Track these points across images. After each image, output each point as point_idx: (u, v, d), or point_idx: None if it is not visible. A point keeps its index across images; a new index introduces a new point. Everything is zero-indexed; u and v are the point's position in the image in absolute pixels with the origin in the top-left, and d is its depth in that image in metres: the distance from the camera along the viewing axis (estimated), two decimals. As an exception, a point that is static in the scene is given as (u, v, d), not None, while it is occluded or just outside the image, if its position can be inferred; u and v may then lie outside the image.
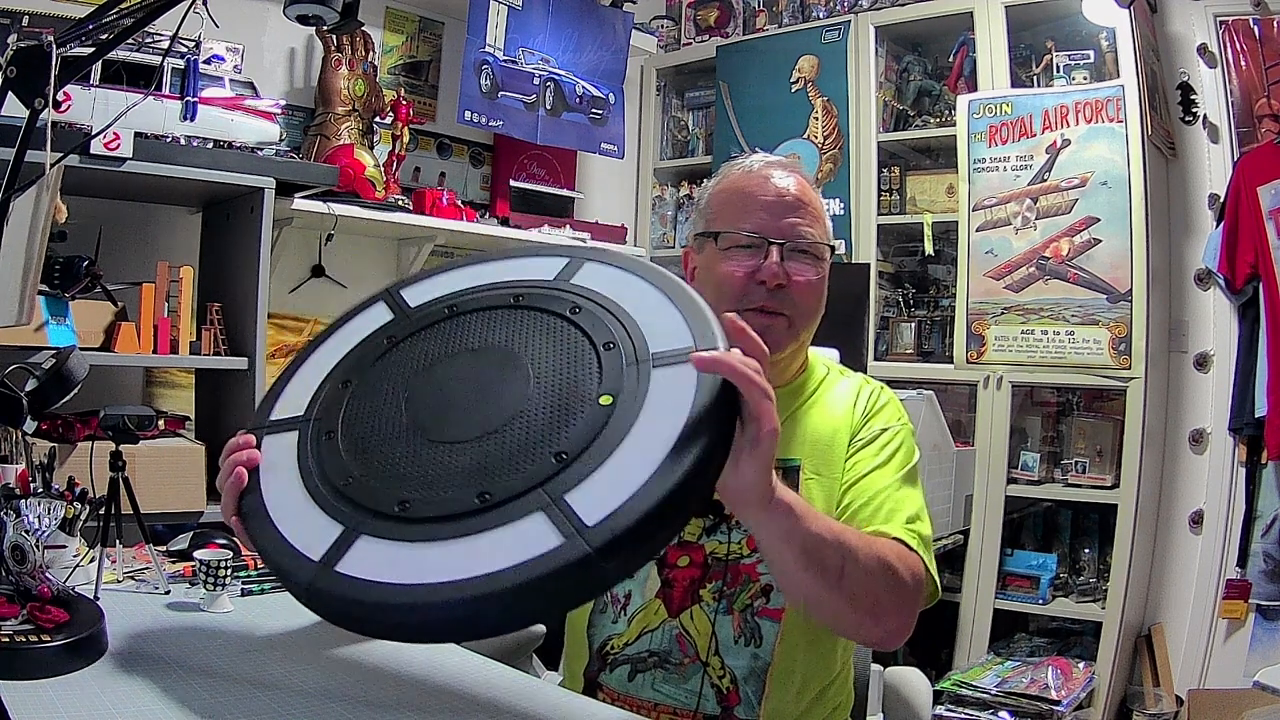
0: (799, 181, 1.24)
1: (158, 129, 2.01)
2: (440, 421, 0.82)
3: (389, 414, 0.85)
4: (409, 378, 0.89)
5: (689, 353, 0.78)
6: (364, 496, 0.78)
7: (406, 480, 0.78)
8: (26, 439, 1.30)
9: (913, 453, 1.23)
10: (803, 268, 1.19)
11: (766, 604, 1.15)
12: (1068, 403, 3.00)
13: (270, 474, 0.85)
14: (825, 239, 1.23)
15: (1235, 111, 2.87)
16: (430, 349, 0.91)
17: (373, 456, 0.82)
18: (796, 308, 1.19)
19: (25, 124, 0.94)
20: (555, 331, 0.85)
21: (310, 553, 0.75)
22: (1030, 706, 2.51)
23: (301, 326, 2.66)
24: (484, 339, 0.89)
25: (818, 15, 3.33)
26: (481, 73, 2.75)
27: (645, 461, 0.71)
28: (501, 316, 0.90)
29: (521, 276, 0.94)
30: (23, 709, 0.86)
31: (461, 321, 0.93)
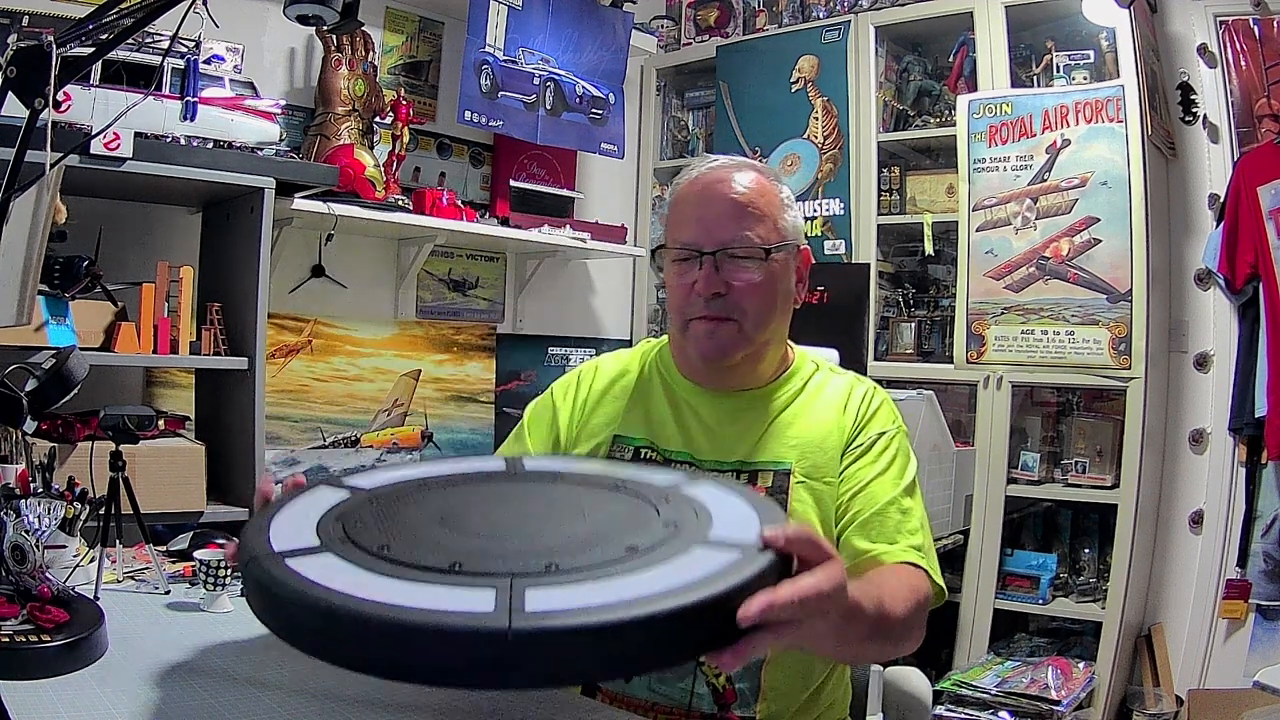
0: (742, 183, 1.21)
1: (158, 129, 2.01)
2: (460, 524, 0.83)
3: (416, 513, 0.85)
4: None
5: (744, 543, 0.76)
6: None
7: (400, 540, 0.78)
8: (26, 439, 1.30)
9: (910, 458, 1.23)
10: (743, 271, 1.18)
11: None
12: (1068, 403, 3.00)
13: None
14: (767, 240, 1.19)
15: (1235, 111, 2.87)
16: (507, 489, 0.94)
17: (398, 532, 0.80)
18: (741, 311, 1.18)
19: (25, 124, 0.94)
20: (632, 506, 0.86)
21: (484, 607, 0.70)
22: (1030, 706, 2.50)
23: (301, 326, 2.66)
24: (567, 493, 0.91)
25: (818, 15, 3.33)
26: (481, 73, 2.75)
27: (616, 597, 0.68)
28: (596, 492, 0.92)
29: (627, 475, 0.95)
30: (23, 709, 0.86)
31: (560, 480, 0.95)
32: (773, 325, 1.22)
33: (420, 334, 2.95)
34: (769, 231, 1.19)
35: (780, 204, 1.23)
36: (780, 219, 1.21)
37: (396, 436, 2.88)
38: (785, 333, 1.28)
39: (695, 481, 0.93)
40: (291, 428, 2.65)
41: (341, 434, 2.76)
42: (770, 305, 1.20)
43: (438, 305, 3.01)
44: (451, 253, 3.02)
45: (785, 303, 1.24)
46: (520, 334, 3.21)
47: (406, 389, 2.91)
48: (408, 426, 2.90)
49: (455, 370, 3.03)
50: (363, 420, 2.81)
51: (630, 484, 0.91)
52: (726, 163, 1.24)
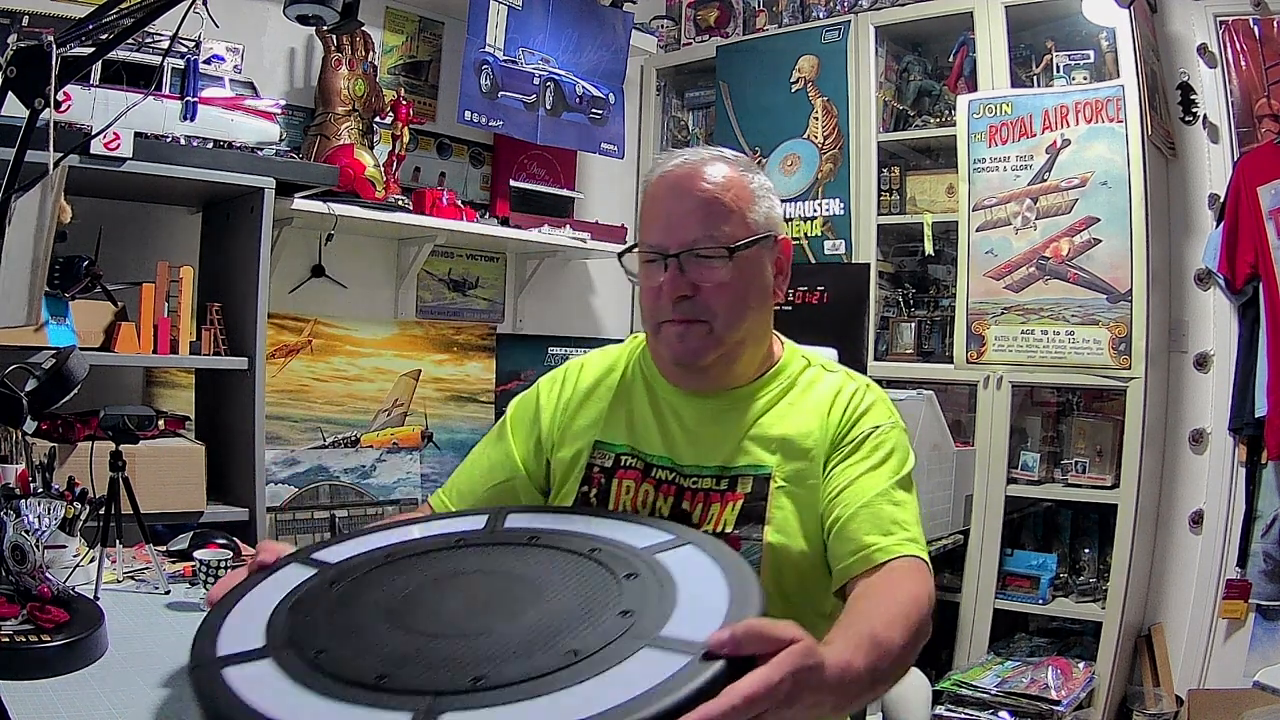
0: (707, 178, 1.16)
1: (158, 129, 2.01)
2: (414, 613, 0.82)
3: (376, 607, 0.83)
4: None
5: (695, 644, 0.72)
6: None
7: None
8: (26, 439, 1.30)
9: (907, 455, 1.18)
10: (709, 271, 1.14)
11: None
12: (1068, 403, 3.00)
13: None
14: (734, 237, 1.14)
15: (1235, 111, 2.87)
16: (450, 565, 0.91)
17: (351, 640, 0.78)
18: (710, 312, 1.14)
19: (25, 124, 0.94)
20: (595, 583, 0.83)
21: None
22: (1030, 706, 2.50)
23: (301, 326, 2.66)
24: (518, 570, 0.88)
25: (818, 15, 3.32)
26: (481, 73, 2.75)
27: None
28: (564, 562, 0.88)
29: (608, 534, 0.92)
30: (23, 709, 0.86)
31: (534, 544, 0.92)
32: (746, 324, 1.17)
33: (420, 334, 2.95)
34: (736, 228, 1.15)
35: (751, 196, 1.18)
36: (750, 213, 1.17)
37: (396, 436, 2.88)
38: (766, 328, 1.24)
39: (680, 544, 0.89)
40: (291, 428, 2.65)
41: (341, 434, 2.76)
42: (741, 304, 1.16)
43: (438, 305, 3.01)
44: (451, 253, 3.02)
45: (761, 299, 1.19)
46: (520, 334, 3.21)
47: (406, 389, 2.91)
48: (408, 426, 2.90)
49: (455, 370, 3.03)
50: (363, 420, 2.81)
51: (605, 549, 0.87)
52: (692, 158, 1.19)
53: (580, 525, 0.95)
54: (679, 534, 0.91)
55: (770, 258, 1.20)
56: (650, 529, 0.93)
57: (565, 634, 0.74)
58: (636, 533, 0.92)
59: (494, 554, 0.91)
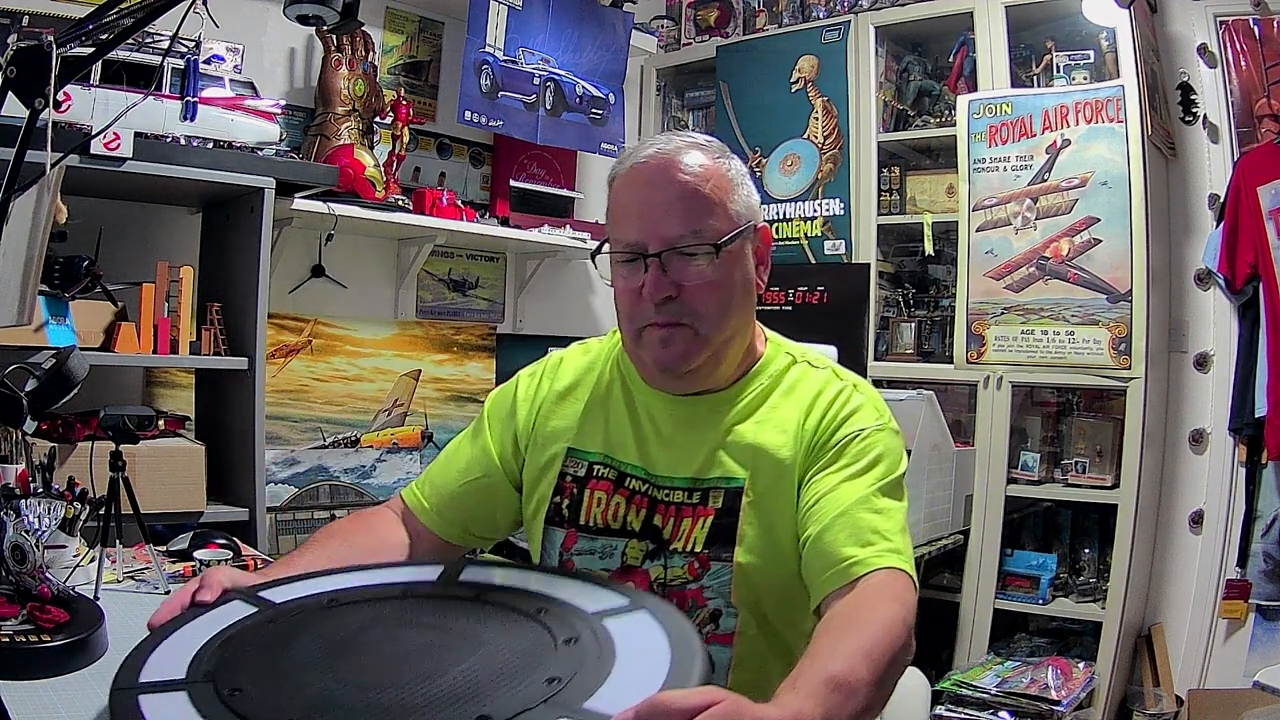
0: (686, 168, 1.08)
1: (158, 129, 2.01)
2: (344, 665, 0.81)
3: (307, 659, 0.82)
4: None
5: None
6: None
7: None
8: (26, 439, 1.30)
9: (898, 460, 1.09)
10: (693, 270, 1.06)
11: (716, 630, 1.08)
12: (1068, 403, 3.00)
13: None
14: (719, 232, 1.07)
15: (1235, 111, 2.87)
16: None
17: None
18: (696, 314, 1.07)
19: (25, 124, 0.94)
20: (533, 646, 0.81)
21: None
22: (1030, 706, 2.50)
23: (301, 326, 2.66)
24: (451, 623, 0.87)
25: (818, 15, 3.32)
26: (481, 73, 2.75)
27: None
28: (508, 622, 0.86)
29: (561, 595, 0.90)
30: (23, 709, 0.86)
31: (481, 601, 0.90)
32: (733, 322, 1.10)
33: (420, 334, 2.95)
34: (721, 220, 1.07)
35: (731, 185, 1.10)
36: (731, 203, 1.09)
37: (396, 436, 2.88)
38: (749, 323, 1.16)
39: (632, 609, 0.85)
40: (291, 428, 2.65)
41: (341, 434, 2.76)
42: (728, 302, 1.08)
43: (438, 305, 3.01)
44: (451, 253, 3.02)
45: (745, 294, 1.12)
46: (520, 334, 3.21)
47: (406, 389, 2.91)
48: (408, 426, 2.90)
49: (455, 370, 3.03)
50: (363, 420, 2.81)
51: (553, 611, 0.86)
52: (666, 146, 1.10)
53: (535, 584, 0.92)
54: (633, 599, 0.88)
55: (751, 248, 1.13)
56: (606, 592, 0.90)
57: (482, 696, 0.73)
58: (591, 595, 0.89)
59: (439, 607, 0.89)
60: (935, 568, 2.89)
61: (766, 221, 1.21)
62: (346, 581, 0.96)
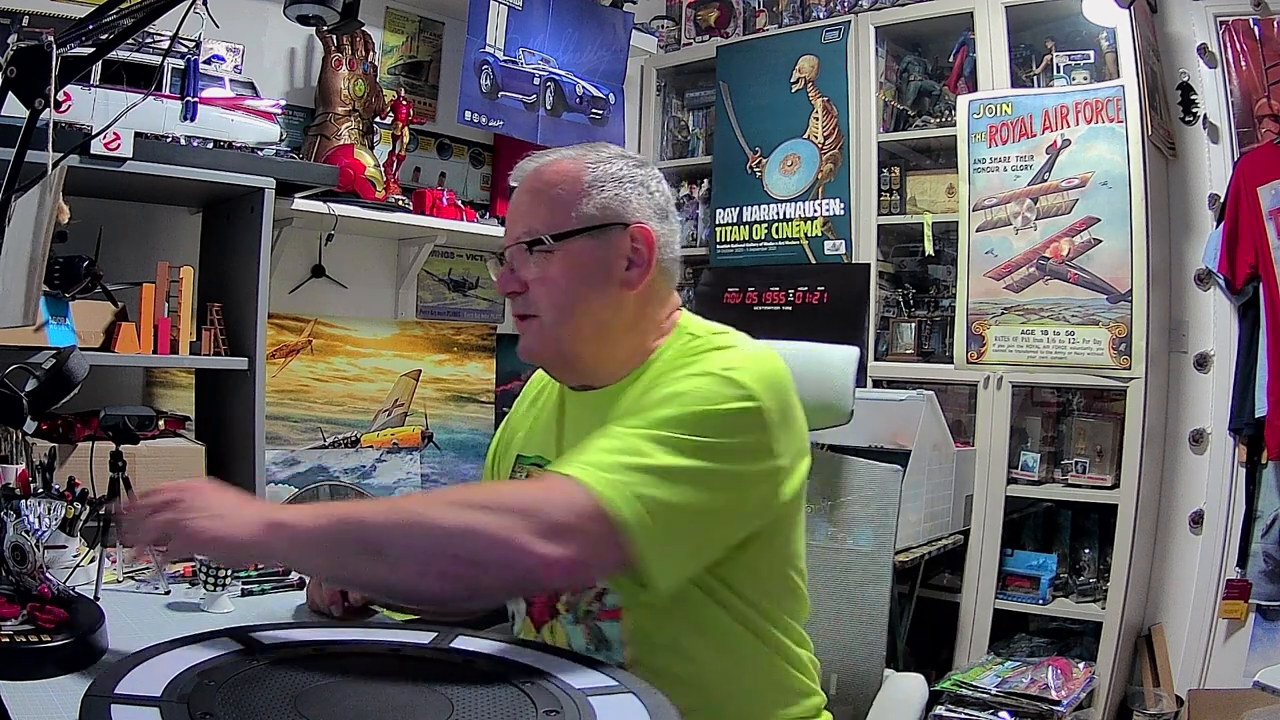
0: (536, 173, 1.15)
1: (158, 129, 2.01)
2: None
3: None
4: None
5: None
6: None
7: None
8: (26, 439, 1.30)
9: (699, 399, 1.00)
10: (534, 266, 1.12)
11: (603, 607, 1.11)
12: (1068, 403, 3.00)
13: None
14: (556, 227, 1.11)
15: (1235, 111, 2.87)
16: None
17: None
18: (538, 307, 1.13)
19: (25, 124, 0.94)
20: (511, 710, 0.80)
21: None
22: (1030, 706, 2.50)
23: (302, 326, 2.66)
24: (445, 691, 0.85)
25: (818, 15, 3.32)
26: (481, 73, 2.75)
27: None
28: (491, 689, 0.85)
29: (550, 669, 0.89)
30: (23, 709, 0.86)
31: (469, 666, 0.89)
32: (582, 317, 1.12)
33: (420, 334, 2.95)
34: (561, 219, 1.11)
35: (585, 185, 1.12)
36: (581, 203, 1.11)
37: (396, 437, 2.88)
38: (628, 320, 1.14)
39: (620, 690, 0.84)
40: (291, 428, 2.65)
41: (342, 434, 2.76)
42: (570, 297, 1.11)
43: (438, 305, 3.01)
44: (451, 253, 3.02)
45: (600, 290, 1.12)
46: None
47: (406, 389, 2.91)
48: (408, 426, 2.90)
49: (455, 370, 3.03)
50: (363, 420, 2.81)
51: (539, 683, 0.85)
52: (544, 156, 1.17)
53: (526, 657, 0.92)
54: (624, 682, 0.87)
55: (614, 248, 1.13)
56: (598, 674, 0.89)
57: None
58: (581, 674, 0.89)
59: (424, 668, 0.89)
60: (935, 568, 2.89)
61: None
62: (339, 634, 0.97)
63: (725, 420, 1.00)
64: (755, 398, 1.01)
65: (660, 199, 1.17)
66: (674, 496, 0.95)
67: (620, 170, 1.15)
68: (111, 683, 0.79)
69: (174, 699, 0.77)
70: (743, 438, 1.01)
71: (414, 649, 0.93)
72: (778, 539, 1.12)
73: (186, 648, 0.88)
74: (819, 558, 1.50)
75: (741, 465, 1.01)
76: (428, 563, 0.90)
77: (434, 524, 0.91)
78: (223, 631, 0.93)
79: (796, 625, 1.17)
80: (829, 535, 1.55)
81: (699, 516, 0.97)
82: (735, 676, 1.10)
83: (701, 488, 0.97)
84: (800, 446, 1.10)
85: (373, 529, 0.91)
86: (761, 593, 1.11)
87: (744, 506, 1.03)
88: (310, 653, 0.90)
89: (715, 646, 1.08)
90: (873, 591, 1.49)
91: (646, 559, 0.93)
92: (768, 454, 1.03)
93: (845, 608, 1.50)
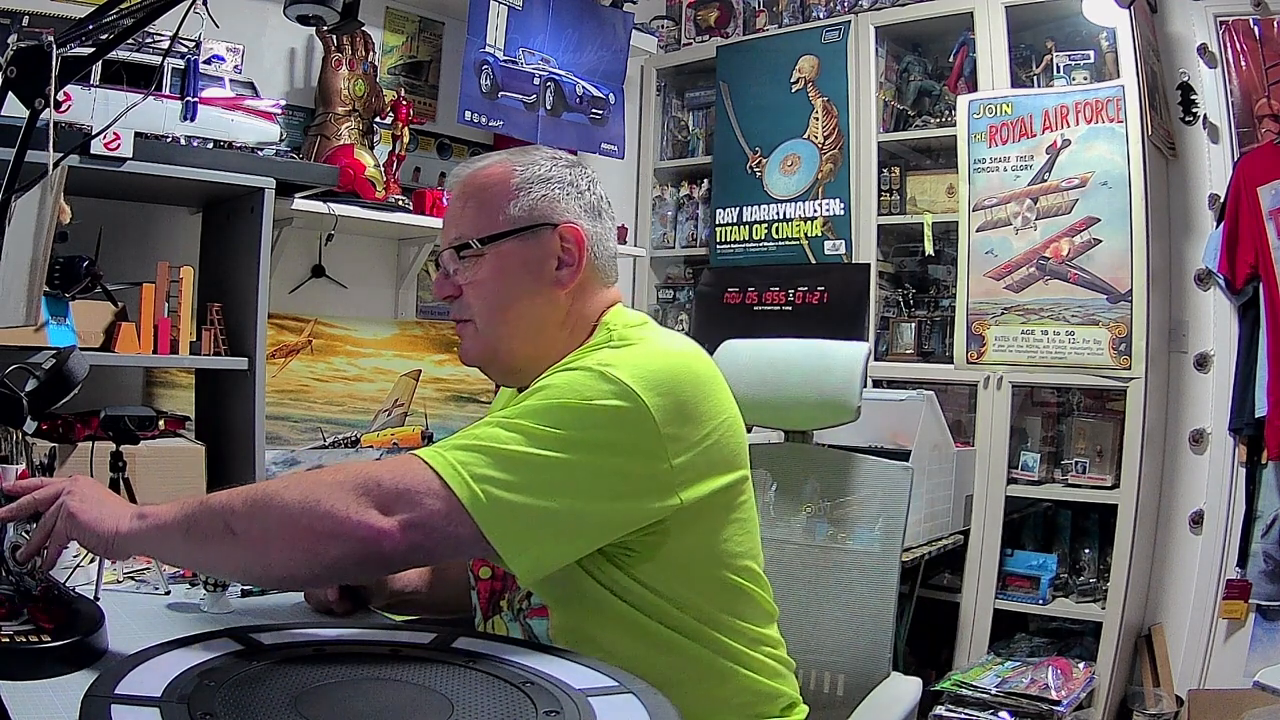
0: (466, 179, 1.17)
1: (158, 129, 2.01)
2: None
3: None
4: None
5: None
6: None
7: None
8: (26, 439, 1.30)
9: (563, 392, 1.00)
10: (465, 271, 1.14)
11: (531, 605, 1.12)
12: (1068, 403, 3.00)
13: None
14: (482, 230, 1.13)
15: (1235, 111, 2.87)
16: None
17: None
18: (472, 310, 1.14)
19: (25, 124, 0.94)
20: (511, 710, 0.80)
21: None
22: (1030, 706, 2.50)
23: (302, 326, 2.66)
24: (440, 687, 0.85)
25: (818, 15, 3.33)
26: (481, 73, 2.75)
27: None
28: (490, 688, 0.85)
29: (551, 670, 0.89)
30: (23, 709, 0.86)
31: (470, 667, 0.89)
32: (514, 319, 1.14)
33: (420, 334, 2.95)
34: (489, 222, 1.13)
35: (512, 188, 1.14)
36: (508, 206, 1.13)
37: (396, 437, 2.88)
38: (560, 319, 1.15)
39: (620, 691, 0.85)
40: (291, 428, 2.65)
41: (342, 434, 2.76)
42: (500, 300, 1.13)
43: (438, 305, 3.01)
44: (451, 253, 3.02)
45: (531, 291, 1.13)
46: (520, 334, 3.21)
47: (406, 389, 2.91)
48: (408, 426, 2.90)
49: (455, 370, 3.03)
50: (363, 420, 2.81)
51: (539, 683, 0.85)
52: (480, 161, 1.19)
53: (527, 658, 0.92)
54: (623, 682, 0.87)
55: (543, 249, 1.14)
56: (598, 674, 0.89)
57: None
58: (581, 674, 0.89)
59: (424, 668, 0.89)
60: (935, 568, 2.89)
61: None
62: (340, 634, 0.97)
63: (588, 414, 0.99)
64: (631, 396, 0.99)
65: (591, 198, 1.19)
66: (519, 482, 0.94)
67: (548, 171, 1.16)
68: (111, 683, 0.79)
69: (174, 699, 0.77)
70: (607, 433, 0.99)
71: (414, 649, 0.93)
72: (698, 539, 1.09)
73: (186, 648, 0.88)
74: (819, 558, 1.50)
75: (603, 460, 0.99)
76: (273, 538, 0.93)
77: (279, 501, 0.93)
78: (223, 631, 0.93)
79: (750, 626, 1.15)
80: (830, 535, 1.55)
81: (550, 507, 0.96)
82: (670, 677, 1.07)
83: (555, 479, 0.96)
84: (710, 447, 1.06)
85: (226, 511, 0.94)
86: (693, 592, 1.09)
87: (611, 504, 1.00)
88: (310, 653, 0.90)
89: (643, 646, 1.07)
90: (878, 592, 1.48)
91: (494, 541, 0.93)
92: (642, 453, 1.00)
93: (848, 609, 1.50)
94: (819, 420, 1.18)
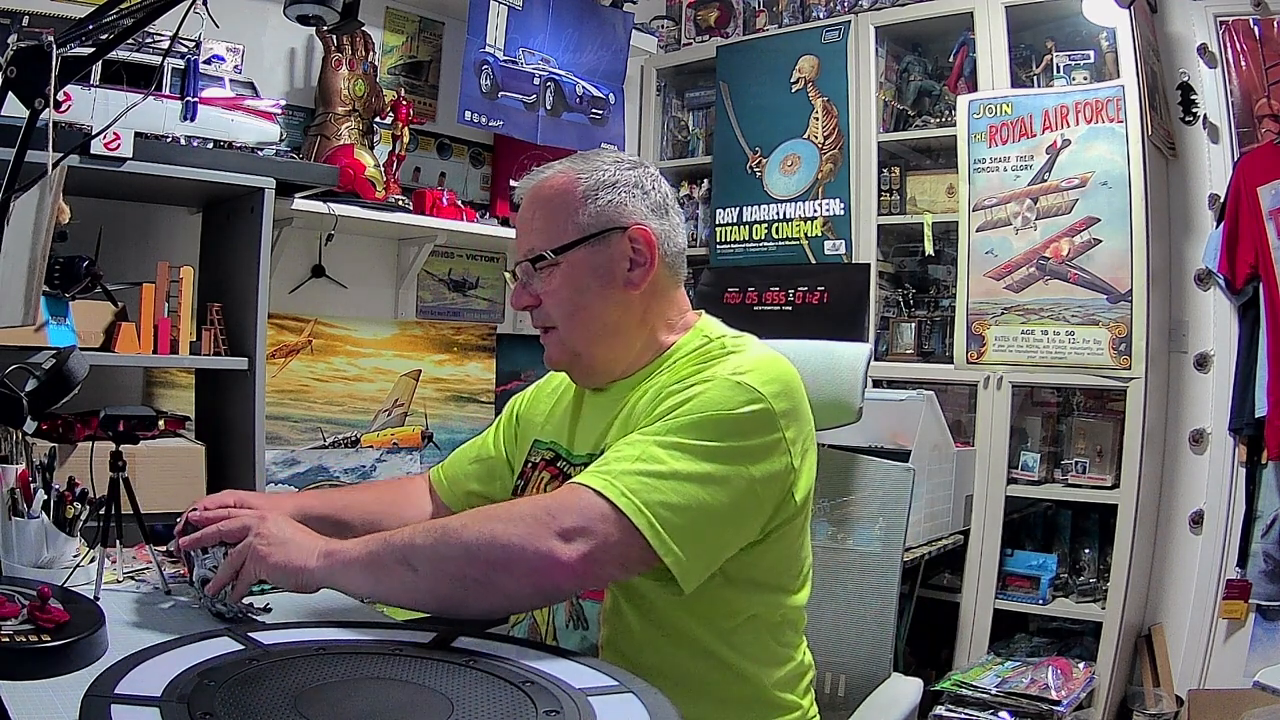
0: (534, 190, 1.21)
1: (158, 129, 2.00)
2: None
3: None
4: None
5: None
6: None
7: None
8: (26, 439, 1.30)
9: (712, 403, 1.03)
10: (542, 280, 1.18)
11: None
12: (1068, 403, 3.00)
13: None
14: (555, 241, 1.16)
15: (1235, 111, 2.87)
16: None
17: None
18: (553, 319, 1.19)
19: (25, 124, 0.94)
20: (511, 710, 0.81)
21: None
22: (1030, 706, 2.50)
23: (302, 326, 2.66)
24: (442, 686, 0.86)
25: (818, 15, 3.33)
26: (481, 73, 2.75)
27: None
28: (488, 686, 0.86)
29: (551, 669, 0.89)
30: (23, 709, 0.86)
31: (469, 666, 0.89)
32: (595, 321, 1.17)
33: (420, 334, 2.95)
34: (559, 232, 1.16)
35: (579, 197, 1.16)
36: (577, 214, 1.16)
37: (396, 437, 2.88)
38: (637, 318, 1.18)
39: (620, 690, 0.85)
40: (291, 428, 2.65)
41: (342, 434, 2.76)
42: (577, 306, 1.16)
43: (438, 305, 3.01)
44: (451, 253, 3.02)
45: (602, 297, 1.16)
46: (520, 334, 3.20)
47: (406, 389, 2.91)
48: (408, 426, 2.90)
49: (455, 370, 3.03)
50: (363, 420, 2.81)
51: (539, 682, 0.85)
52: (541, 172, 1.21)
53: (527, 657, 0.92)
54: (624, 681, 0.88)
55: (615, 252, 1.16)
56: (598, 674, 0.90)
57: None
58: (582, 673, 0.89)
59: (425, 667, 0.89)
60: (935, 568, 2.89)
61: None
62: (340, 634, 0.97)
63: (736, 424, 1.04)
64: (765, 400, 1.05)
65: (657, 197, 1.21)
66: (686, 500, 0.99)
67: (612, 175, 1.19)
68: (111, 683, 0.79)
69: (174, 699, 0.77)
70: (753, 440, 1.04)
71: (414, 649, 0.93)
72: (792, 537, 1.14)
73: (186, 648, 0.88)
74: (820, 558, 1.49)
75: (753, 466, 1.04)
76: (451, 570, 0.97)
77: (458, 536, 0.98)
78: (223, 631, 0.93)
79: (791, 634, 1.19)
80: (830, 535, 1.55)
81: (712, 518, 1.01)
82: (699, 677, 1.12)
83: (713, 491, 1.01)
84: (807, 448, 1.12)
85: (406, 548, 0.99)
86: (763, 595, 1.14)
87: (757, 506, 1.06)
88: (310, 652, 0.91)
89: (684, 651, 1.11)
90: (879, 593, 1.48)
91: (669, 562, 0.98)
92: (779, 454, 1.06)
93: (849, 609, 1.50)
94: (820, 421, 1.19)
